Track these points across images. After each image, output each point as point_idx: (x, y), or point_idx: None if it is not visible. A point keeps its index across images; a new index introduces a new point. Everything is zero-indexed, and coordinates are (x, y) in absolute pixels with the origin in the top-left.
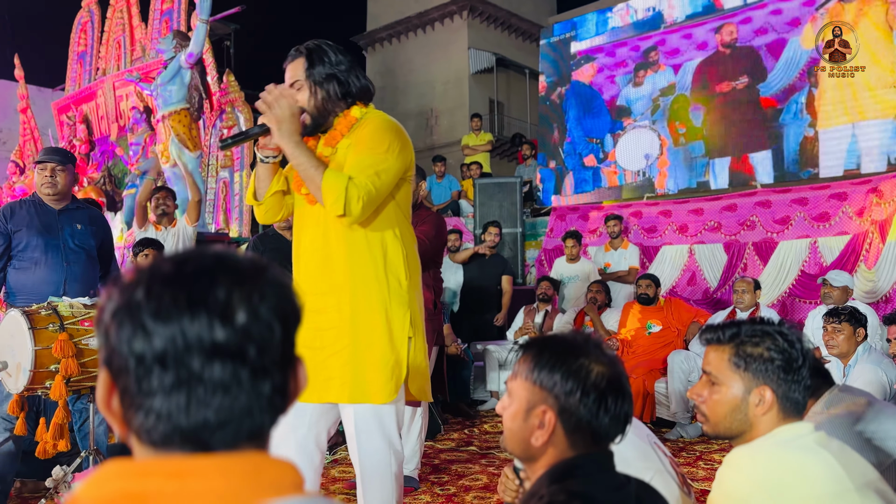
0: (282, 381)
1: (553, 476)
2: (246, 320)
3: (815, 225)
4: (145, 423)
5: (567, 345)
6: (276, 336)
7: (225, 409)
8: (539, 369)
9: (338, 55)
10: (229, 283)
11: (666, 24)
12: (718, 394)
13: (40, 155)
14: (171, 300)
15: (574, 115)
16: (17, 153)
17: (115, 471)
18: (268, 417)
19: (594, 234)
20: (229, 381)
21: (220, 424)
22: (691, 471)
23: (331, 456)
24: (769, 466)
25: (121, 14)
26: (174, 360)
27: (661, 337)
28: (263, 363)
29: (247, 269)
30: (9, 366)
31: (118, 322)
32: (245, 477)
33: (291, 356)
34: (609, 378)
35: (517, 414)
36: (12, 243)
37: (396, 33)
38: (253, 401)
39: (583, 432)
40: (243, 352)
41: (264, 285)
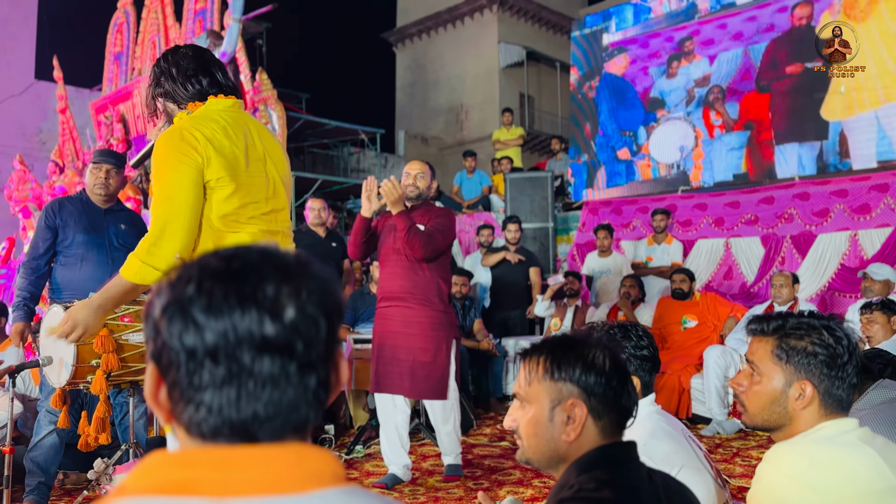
0: (326, 375)
1: (581, 466)
2: (294, 316)
3: (855, 217)
4: (195, 417)
5: (572, 338)
6: (322, 331)
7: (273, 402)
8: (557, 366)
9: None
10: (277, 278)
11: (700, 14)
12: (759, 385)
13: (95, 156)
14: (221, 295)
15: (607, 107)
16: (56, 153)
17: (162, 461)
18: (312, 411)
19: (627, 228)
20: (278, 375)
21: (269, 418)
22: (728, 467)
23: (364, 449)
24: (811, 463)
25: (155, 14)
26: (225, 354)
27: (697, 332)
28: (310, 358)
29: (293, 265)
30: (52, 360)
31: (169, 317)
32: (287, 467)
33: (334, 350)
34: (618, 361)
35: (538, 417)
36: (59, 238)
37: (426, 29)
38: (300, 394)
39: (610, 416)
40: (291, 346)
41: (310, 281)
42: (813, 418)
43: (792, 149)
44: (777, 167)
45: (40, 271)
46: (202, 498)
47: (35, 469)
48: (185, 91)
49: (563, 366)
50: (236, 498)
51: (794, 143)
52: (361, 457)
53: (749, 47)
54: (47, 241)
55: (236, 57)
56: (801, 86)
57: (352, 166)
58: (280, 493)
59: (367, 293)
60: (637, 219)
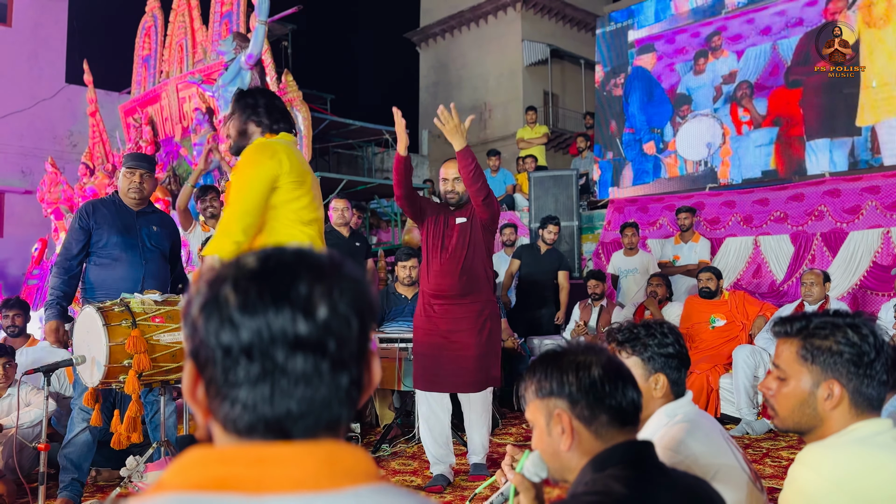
0: (358, 374)
1: (596, 464)
2: (327, 315)
3: (887, 214)
4: (231, 413)
5: (555, 352)
6: (354, 330)
7: (306, 400)
8: (539, 383)
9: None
10: (310, 278)
11: (727, 10)
12: (787, 387)
13: (129, 160)
14: (256, 294)
15: (636, 102)
16: (87, 155)
17: (198, 458)
18: (345, 410)
19: (654, 227)
20: (311, 373)
21: (302, 415)
22: (758, 468)
23: (390, 448)
24: (845, 464)
25: (182, 18)
26: (260, 351)
27: (726, 331)
28: (342, 356)
29: (326, 264)
30: (86, 359)
31: (206, 315)
32: (320, 465)
33: (367, 350)
34: (603, 364)
35: (542, 434)
36: (92, 240)
37: (450, 28)
38: (332, 393)
39: (599, 419)
40: (324, 345)
41: (342, 281)
42: (844, 419)
43: (823, 145)
44: (807, 163)
45: (73, 271)
46: (239, 494)
47: (69, 466)
48: (271, 123)
49: (542, 383)
50: (272, 494)
51: (825, 138)
52: (388, 455)
53: (777, 42)
54: (81, 242)
55: (262, 59)
56: (833, 81)
57: (376, 166)
58: (314, 490)
59: (392, 293)
60: (664, 217)
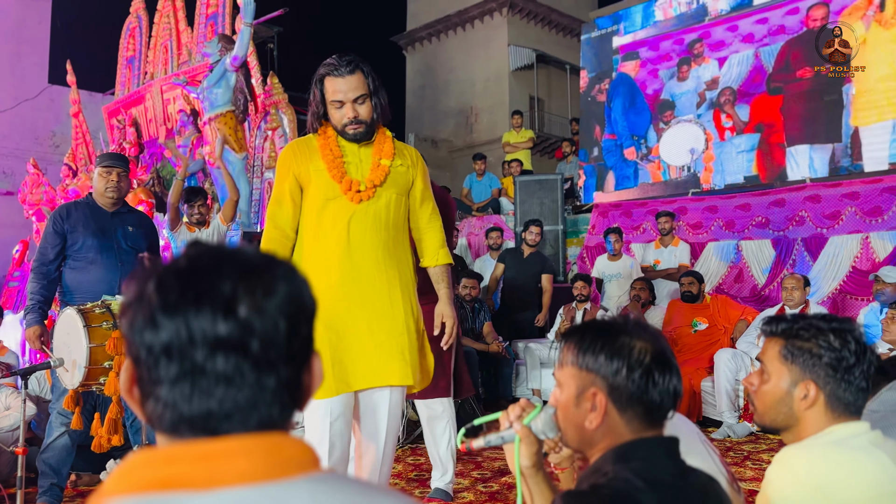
0: (290, 375)
1: (618, 456)
2: (249, 314)
3: (867, 220)
4: (155, 411)
5: (607, 326)
6: (282, 331)
7: (229, 400)
8: (583, 353)
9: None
10: (236, 277)
11: (711, 17)
12: (767, 384)
13: (106, 160)
14: (178, 294)
15: (619, 108)
16: (69, 156)
17: (143, 459)
18: (276, 410)
19: (637, 231)
20: (232, 373)
21: (225, 415)
22: (739, 470)
23: None
24: (820, 466)
25: (167, 19)
26: (179, 351)
27: (708, 335)
28: (268, 357)
29: (257, 264)
30: (65, 362)
31: (133, 313)
32: (266, 456)
33: (303, 351)
34: (653, 352)
35: (569, 401)
36: (67, 243)
37: (436, 32)
38: (257, 394)
39: (634, 409)
40: (246, 345)
41: (273, 281)
42: (820, 420)
43: (803, 151)
44: (788, 169)
45: (51, 276)
46: (188, 491)
47: (47, 471)
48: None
49: (587, 353)
50: (222, 488)
51: (806, 144)
52: None
53: (760, 49)
54: (56, 246)
55: (248, 61)
56: (814, 88)
57: None
58: (263, 481)
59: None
60: (647, 221)
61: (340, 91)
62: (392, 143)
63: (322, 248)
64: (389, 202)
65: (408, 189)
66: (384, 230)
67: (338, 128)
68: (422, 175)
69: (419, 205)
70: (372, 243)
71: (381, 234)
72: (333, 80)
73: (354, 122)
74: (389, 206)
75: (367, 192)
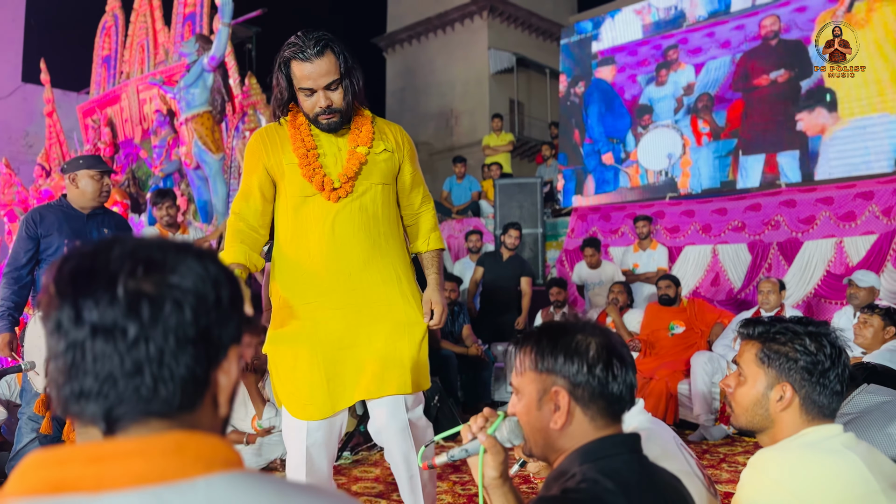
0: (194, 364)
1: (584, 455)
2: (130, 299)
3: (840, 224)
4: (57, 397)
5: (560, 327)
6: (187, 320)
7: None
8: (541, 357)
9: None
10: (133, 266)
11: (688, 23)
12: (744, 386)
13: (94, 164)
14: (69, 280)
15: (596, 113)
16: (43, 156)
17: (37, 461)
18: (181, 399)
19: (616, 235)
20: (111, 356)
21: (119, 401)
22: (715, 473)
23: (352, 456)
24: (794, 468)
25: (144, 18)
26: (67, 336)
27: (685, 338)
28: (158, 344)
29: (155, 252)
30: (37, 365)
31: (42, 300)
32: (167, 455)
33: (210, 345)
34: (608, 348)
35: (530, 406)
36: (41, 247)
37: (416, 34)
38: (157, 382)
39: (597, 404)
40: (124, 330)
41: (171, 269)
42: (795, 423)
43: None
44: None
45: (23, 281)
46: (78, 494)
47: None
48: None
49: (546, 356)
50: (113, 491)
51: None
52: (349, 463)
53: (736, 55)
54: (29, 251)
55: (226, 61)
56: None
57: None
58: (160, 482)
59: None
60: (625, 225)
61: (310, 77)
62: (371, 125)
63: (305, 253)
64: (375, 195)
65: (394, 175)
66: (373, 226)
67: (309, 116)
68: (409, 157)
69: (409, 190)
70: (360, 244)
71: (369, 231)
72: (301, 65)
73: (327, 111)
74: (375, 199)
75: (343, 189)
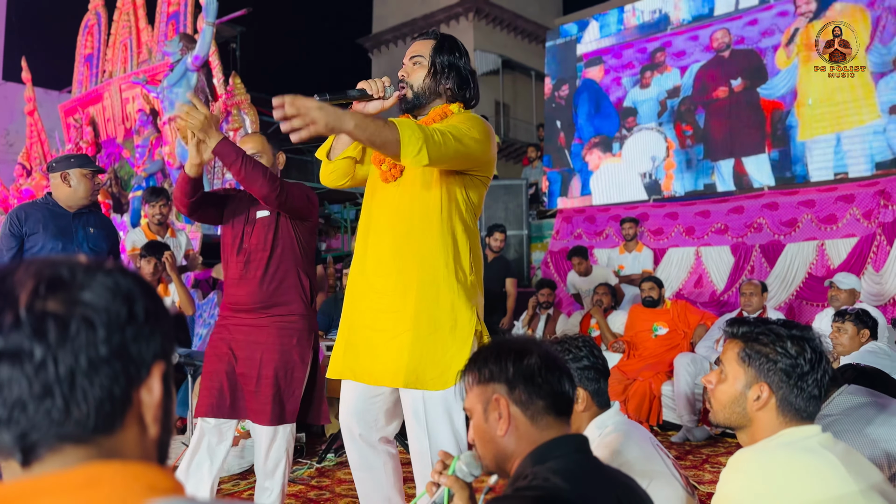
0: (110, 384)
1: (535, 458)
2: (52, 325)
3: (822, 227)
4: None
5: (493, 342)
6: (98, 338)
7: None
8: (479, 370)
9: (466, 57)
10: (36, 286)
11: (673, 26)
12: (724, 384)
13: (84, 163)
14: None
15: (583, 114)
16: (23, 155)
17: None
18: (97, 421)
19: (601, 237)
20: (18, 381)
21: (31, 426)
22: (698, 474)
23: (336, 458)
24: (772, 468)
25: (127, 17)
26: None
27: (668, 339)
28: (77, 366)
29: (62, 272)
30: None
31: None
32: (78, 491)
33: (128, 363)
34: (541, 351)
35: (479, 421)
36: (25, 246)
37: (402, 35)
38: (69, 404)
39: (536, 404)
40: (34, 355)
41: (85, 287)
42: (772, 423)
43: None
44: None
45: None
46: None
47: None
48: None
49: (482, 369)
50: None
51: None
52: (333, 465)
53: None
54: (12, 249)
55: (209, 61)
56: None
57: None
58: None
59: (340, 299)
60: (610, 227)
61: (407, 52)
62: (442, 113)
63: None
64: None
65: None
66: (407, 217)
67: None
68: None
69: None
70: (384, 229)
71: (403, 221)
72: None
73: (400, 81)
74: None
75: (386, 174)
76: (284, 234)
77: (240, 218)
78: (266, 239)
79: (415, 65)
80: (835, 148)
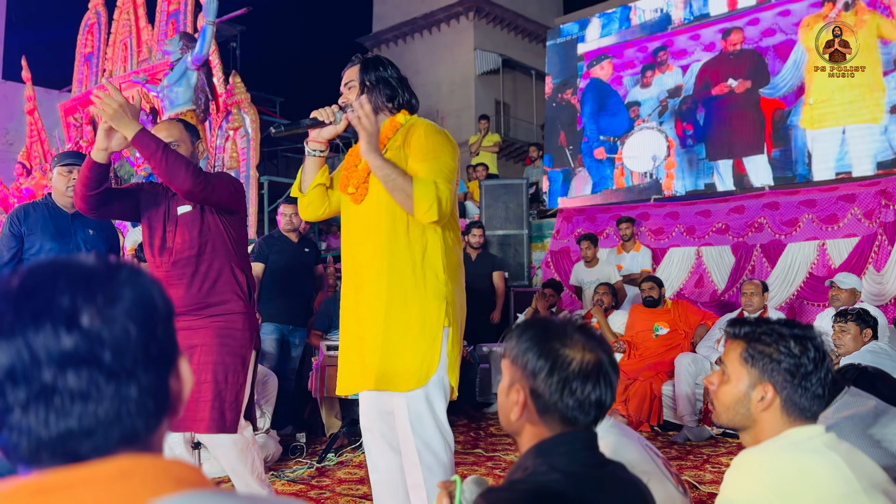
0: (151, 382)
1: (540, 451)
2: (94, 324)
3: (823, 227)
4: (11, 441)
5: (547, 327)
6: (133, 337)
7: (88, 416)
8: (517, 348)
9: (390, 67)
10: (73, 288)
11: (674, 25)
12: (727, 385)
13: (64, 159)
14: (13, 314)
15: (588, 113)
16: (23, 154)
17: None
18: (141, 421)
19: (601, 236)
20: (87, 387)
21: (87, 433)
22: (699, 474)
23: (336, 457)
24: (776, 469)
25: (127, 16)
26: (23, 374)
27: (669, 339)
28: (123, 366)
29: (95, 272)
30: None
31: None
32: (112, 483)
33: (163, 356)
34: (583, 363)
35: (503, 389)
36: (24, 246)
37: (402, 34)
38: (118, 405)
39: (551, 413)
40: (97, 356)
41: (116, 287)
42: (776, 423)
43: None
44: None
45: None
46: None
47: None
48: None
49: (520, 350)
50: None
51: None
52: (333, 464)
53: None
54: (12, 249)
55: (209, 60)
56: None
57: None
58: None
59: (339, 299)
60: (610, 227)
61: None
62: (393, 126)
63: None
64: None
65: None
66: (375, 232)
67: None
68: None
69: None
70: (358, 244)
71: (373, 236)
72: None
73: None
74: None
75: (357, 195)
76: (212, 230)
77: (158, 215)
78: (192, 237)
79: (349, 89)
80: (840, 144)
